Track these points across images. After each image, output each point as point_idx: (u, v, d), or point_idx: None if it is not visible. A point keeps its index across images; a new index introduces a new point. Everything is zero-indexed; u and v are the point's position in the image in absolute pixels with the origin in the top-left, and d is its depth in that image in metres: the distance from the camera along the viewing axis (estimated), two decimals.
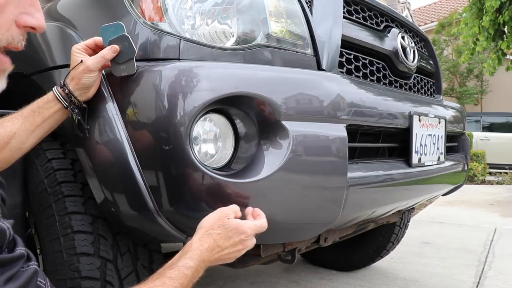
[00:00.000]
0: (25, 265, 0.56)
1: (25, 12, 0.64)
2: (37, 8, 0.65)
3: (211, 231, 0.84)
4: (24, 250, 0.57)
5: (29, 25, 0.64)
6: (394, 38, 1.47)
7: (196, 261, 0.79)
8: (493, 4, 5.56)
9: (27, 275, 0.55)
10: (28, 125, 0.93)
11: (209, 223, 0.85)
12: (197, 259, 0.79)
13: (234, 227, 0.85)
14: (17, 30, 0.63)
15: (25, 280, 0.54)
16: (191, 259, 0.79)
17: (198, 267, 0.79)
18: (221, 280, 2.26)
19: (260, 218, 0.90)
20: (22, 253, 0.56)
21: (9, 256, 0.54)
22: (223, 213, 0.86)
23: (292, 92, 0.99)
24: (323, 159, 1.03)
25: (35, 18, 0.65)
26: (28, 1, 0.64)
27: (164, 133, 0.86)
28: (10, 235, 0.55)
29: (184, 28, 0.98)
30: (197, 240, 0.82)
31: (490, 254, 2.80)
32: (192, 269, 0.77)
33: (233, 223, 0.85)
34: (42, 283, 0.58)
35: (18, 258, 0.55)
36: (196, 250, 0.80)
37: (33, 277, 0.56)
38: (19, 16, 0.63)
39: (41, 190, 1.09)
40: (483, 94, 14.34)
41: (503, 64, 6.43)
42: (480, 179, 7.66)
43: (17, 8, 0.63)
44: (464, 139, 1.98)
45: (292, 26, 1.14)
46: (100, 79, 0.96)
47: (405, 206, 1.62)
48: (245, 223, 0.87)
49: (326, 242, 1.51)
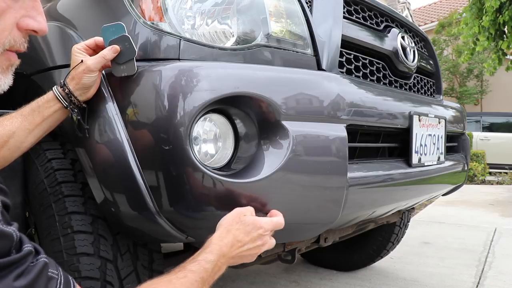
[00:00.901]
0: (34, 259, 0.57)
1: (27, 15, 0.64)
2: (39, 11, 0.66)
3: (230, 227, 0.86)
4: (31, 246, 0.57)
5: (31, 28, 0.65)
6: (394, 38, 1.47)
7: (216, 255, 0.81)
8: (493, 4, 5.56)
9: (37, 269, 0.56)
10: (27, 124, 0.92)
11: (227, 221, 0.88)
12: (217, 254, 0.81)
13: (251, 222, 0.88)
14: (19, 33, 0.64)
15: (35, 274, 0.55)
16: (211, 253, 0.81)
17: (218, 261, 0.81)
18: (221, 280, 2.24)
19: (276, 215, 0.94)
20: (30, 250, 0.57)
21: (17, 256, 0.54)
22: (240, 211, 0.89)
23: (292, 92, 0.99)
24: (323, 159, 1.03)
25: (37, 21, 0.65)
26: (30, 4, 0.65)
27: (164, 133, 0.86)
28: (17, 237, 0.56)
29: (184, 28, 0.98)
30: (217, 236, 0.85)
31: (490, 254, 2.80)
32: (212, 263, 0.79)
33: (250, 219, 0.88)
34: (54, 273, 0.59)
35: (26, 255, 0.56)
36: (216, 245, 0.82)
37: (43, 270, 0.57)
38: (21, 19, 0.64)
39: (41, 190, 1.09)
40: (483, 94, 14.34)
41: (503, 64, 6.43)
42: (480, 179, 7.66)
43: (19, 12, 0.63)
44: (464, 139, 1.98)
45: (292, 26, 1.14)
46: (100, 79, 0.96)
47: (405, 206, 1.62)
48: (262, 219, 0.90)
49: (326, 242, 1.51)
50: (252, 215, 0.90)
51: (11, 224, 0.56)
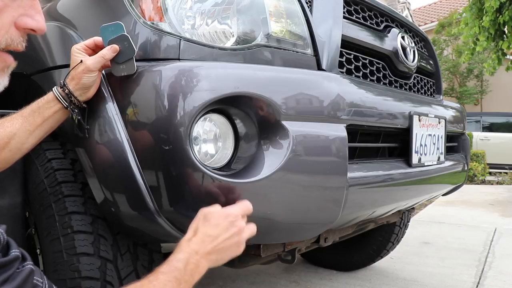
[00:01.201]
0: (21, 265, 0.57)
1: (25, 14, 0.64)
2: (37, 10, 0.65)
3: (196, 226, 0.85)
4: (18, 252, 0.57)
5: (29, 27, 0.64)
6: (394, 38, 1.47)
7: (186, 253, 0.80)
8: (493, 4, 5.56)
9: (22, 275, 0.55)
10: (28, 126, 0.92)
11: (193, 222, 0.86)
12: (187, 251, 0.80)
13: (216, 215, 0.85)
14: (16, 32, 0.63)
15: (21, 281, 0.55)
16: (180, 252, 0.80)
17: (190, 259, 0.79)
18: (221, 280, 2.26)
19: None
20: (17, 255, 0.56)
21: (4, 260, 0.54)
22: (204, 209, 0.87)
23: (292, 92, 0.99)
24: (323, 159, 1.03)
25: (35, 20, 0.65)
26: (28, 3, 0.64)
27: (164, 133, 0.86)
28: (4, 240, 0.55)
29: (184, 28, 0.98)
30: (184, 238, 0.84)
31: (490, 254, 2.80)
32: (183, 261, 0.78)
33: (214, 212, 0.86)
34: (39, 281, 0.58)
35: (13, 261, 0.55)
36: (183, 245, 0.82)
37: (28, 276, 0.56)
38: (18, 18, 0.63)
39: (41, 190, 1.09)
40: (483, 94, 14.34)
41: (503, 64, 6.43)
42: (480, 179, 7.66)
43: (16, 10, 0.63)
44: (464, 139, 1.98)
45: (292, 26, 1.14)
46: (100, 79, 0.96)
47: (405, 206, 1.62)
48: (227, 207, 0.87)
49: (326, 242, 1.51)
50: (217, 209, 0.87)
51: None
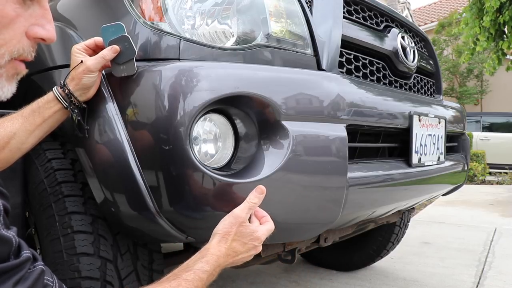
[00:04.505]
0: (32, 266, 0.57)
1: (36, 23, 0.64)
2: (48, 19, 0.65)
3: (228, 238, 0.85)
4: (29, 253, 0.58)
5: (40, 37, 0.65)
6: (394, 38, 1.47)
7: (212, 266, 0.80)
8: (493, 4, 5.56)
9: (34, 276, 0.56)
10: (28, 125, 0.92)
11: (225, 229, 0.86)
12: (213, 264, 0.81)
13: (249, 234, 0.87)
14: (27, 42, 0.64)
15: (32, 281, 0.55)
16: (208, 264, 0.80)
17: (213, 271, 0.81)
18: (221, 280, 2.26)
19: (266, 220, 0.92)
20: (28, 256, 0.57)
21: (16, 262, 0.55)
22: (238, 218, 0.87)
23: (292, 92, 0.99)
24: (323, 159, 1.03)
25: (45, 29, 0.65)
26: (40, 12, 0.64)
27: (164, 133, 0.86)
28: (16, 242, 0.56)
29: (184, 28, 0.98)
30: (215, 245, 0.84)
31: (490, 254, 2.80)
32: (208, 273, 0.79)
33: (249, 230, 0.88)
34: (49, 281, 0.59)
35: (25, 262, 0.56)
36: (214, 255, 0.82)
37: (40, 276, 0.57)
38: (30, 28, 0.63)
39: (41, 190, 1.09)
40: (483, 94, 14.34)
41: (503, 64, 6.43)
42: (480, 179, 7.66)
43: (28, 20, 0.63)
44: (464, 139, 1.98)
45: (292, 26, 1.14)
46: (100, 79, 0.96)
47: (405, 206, 1.62)
48: (260, 230, 0.89)
49: (326, 242, 1.51)
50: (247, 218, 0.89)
51: (11, 228, 0.56)
